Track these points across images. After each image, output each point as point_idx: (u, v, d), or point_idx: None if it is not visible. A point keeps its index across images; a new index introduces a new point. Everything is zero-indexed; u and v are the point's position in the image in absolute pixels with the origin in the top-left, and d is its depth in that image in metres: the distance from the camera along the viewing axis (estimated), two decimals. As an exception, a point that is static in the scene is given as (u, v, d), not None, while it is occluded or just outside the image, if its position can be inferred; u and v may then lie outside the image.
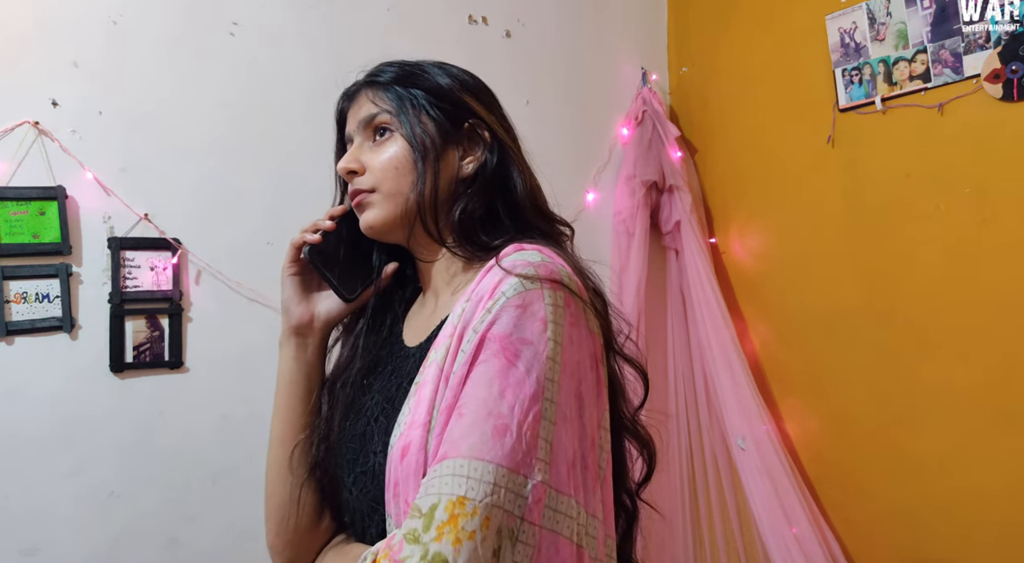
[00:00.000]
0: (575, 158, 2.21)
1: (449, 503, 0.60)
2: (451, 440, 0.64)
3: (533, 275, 0.69)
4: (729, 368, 2.02)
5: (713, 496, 2.11)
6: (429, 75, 0.86)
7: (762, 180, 2.09)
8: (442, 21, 2.03)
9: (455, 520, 0.59)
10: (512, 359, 0.66)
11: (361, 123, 0.86)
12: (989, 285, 1.55)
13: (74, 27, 1.61)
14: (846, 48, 1.80)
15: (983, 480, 1.58)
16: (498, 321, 0.67)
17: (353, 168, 0.84)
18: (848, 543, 1.88)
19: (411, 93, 0.84)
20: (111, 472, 1.60)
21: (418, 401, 0.71)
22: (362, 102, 0.87)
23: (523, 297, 0.68)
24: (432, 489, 0.62)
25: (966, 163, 1.58)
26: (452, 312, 0.74)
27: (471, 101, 0.87)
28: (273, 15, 1.82)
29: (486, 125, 0.86)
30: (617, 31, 2.31)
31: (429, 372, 0.71)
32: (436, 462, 0.64)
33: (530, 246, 0.75)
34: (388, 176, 0.83)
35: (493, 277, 0.71)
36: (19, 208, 1.55)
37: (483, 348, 0.67)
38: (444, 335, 0.73)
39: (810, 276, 1.96)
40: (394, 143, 0.83)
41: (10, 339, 1.54)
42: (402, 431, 0.70)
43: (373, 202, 0.84)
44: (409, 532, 0.61)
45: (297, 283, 0.90)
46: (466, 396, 0.66)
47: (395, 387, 0.80)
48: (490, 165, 0.84)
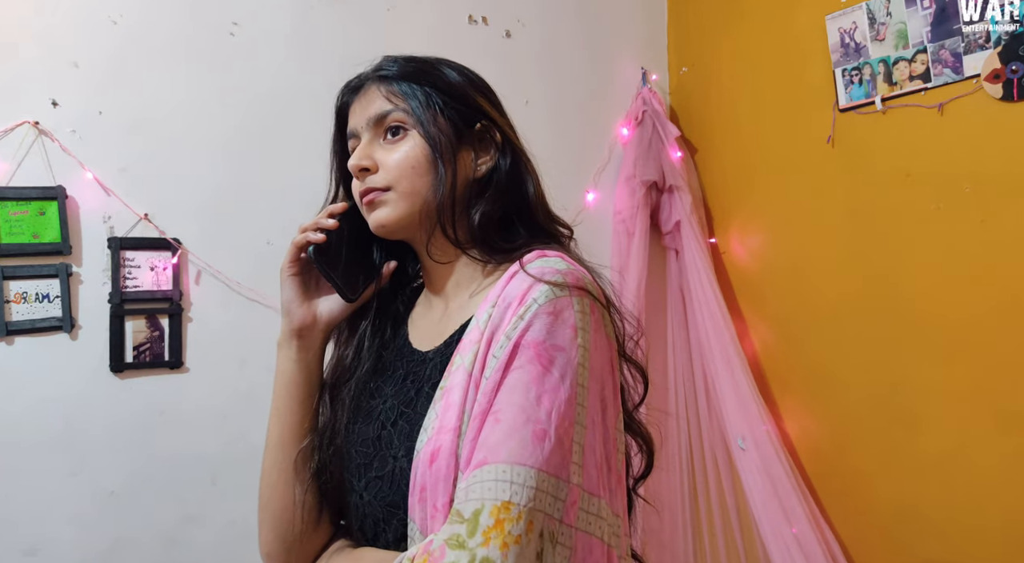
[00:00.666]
0: (575, 158, 2.21)
1: (494, 508, 0.61)
2: (489, 445, 0.65)
3: (562, 282, 0.72)
4: (729, 368, 2.02)
5: (713, 496, 2.11)
6: (440, 72, 0.85)
7: (762, 180, 2.09)
8: (442, 21, 2.03)
9: (501, 525, 0.60)
10: (547, 365, 0.68)
11: (372, 119, 0.83)
12: (989, 285, 1.55)
13: (74, 27, 1.61)
14: (846, 48, 1.80)
15: (983, 480, 1.58)
16: (531, 328, 0.69)
17: (366, 165, 0.82)
18: (848, 543, 1.88)
19: (425, 90, 0.83)
20: (111, 472, 1.60)
21: (446, 406, 0.71)
22: (372, 97, 0.84)
23: (554, 304, 0.70)
24: (474, 494, 0.62)
25: (966, 163, 1.58)
26: (476, 317, 0.75)
27: (483, 101, 0.86)
28: (273, 15, 1.82)
29: (497, 127, 0.86)
30: (617, 31, 2.31)
31: (457, 377, 0.72)
32: (475, 468, 0.64)
33: (552, 253, 0.78)
34: (405, 175, 0.81)
35: (520, 283, 0.73)
36: (19, 208, 1.55)
37: (517, 354, 0.69)
38: (470, 340, 0.73)
39: (810, 276, 1.96)
40: (409, 141, 0.81)
41: (10, 339, 1.54)
42: (430, 436, 0.70)
43: (387, 200, 0.82)
44: (452, 537, 0.61)
45: (298, 283, 0.88)
46: (502, 402, 0.67)
47: (414, 391, 0.80)
48: (503, 168, 0.85)
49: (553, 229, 0.87)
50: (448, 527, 0.62)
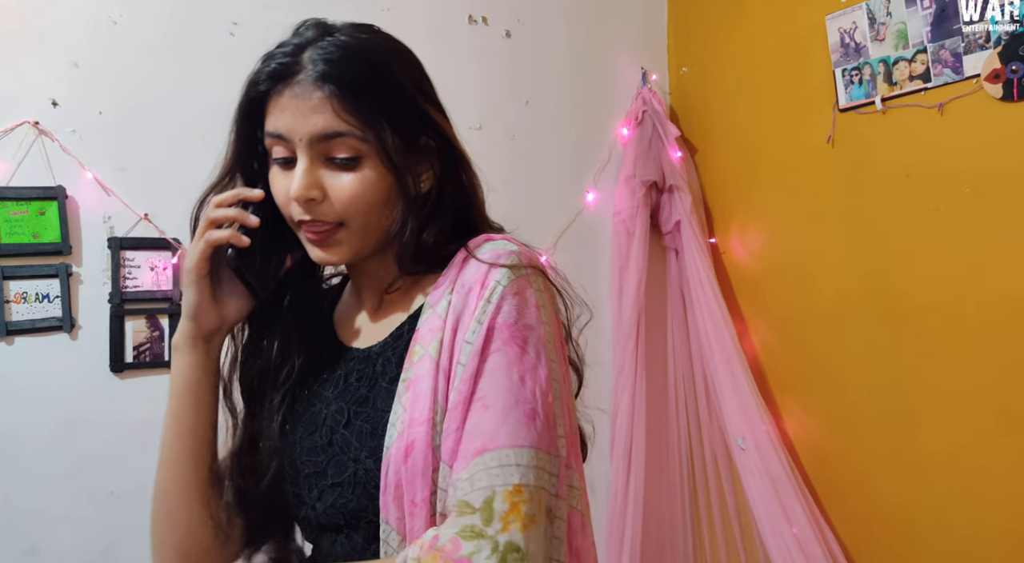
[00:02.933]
0: (575, 158, 2.21)
1: (506, 493, 0.61)
2: (483, 432, 0.64)
3: (518, 263, 0.72)
4: (729, 368, 2.02)
5: (713, 496, 2.11)
6: (393, 78, 0.74)
7: (762, 180, 2.09)
8: (442, 21, 2.03)
9: (517, 508, 0.61)
10: (523, 345, 0.68)
11: (316, 137, 0.71)
12: (989, 285, 1.55)
13: (74, 27, 1.61)
14: (846, 48, 1.80)
15: (983, 480, 1.58)
16: (501, 310, 0.69)
17: (314, 196, 0.72)
18: (848, 543, 1.88)
19: (381, 106, 0.72)
20: (111, 472, 1.60)
21: (414, 397, 0.69)
22: (314, 105, 0.71)
23: (516, 285, 0.70)
24: (481, 483, 0.62)
25: (966, 163, 1.58)
26: (430, 305, 0.73)
27: (431, 109, 0.77)
28: (273, 15, 1.81)
29: (444, 137, 0.77)
30: (617, 31, 2.31)
31: (422, 367, 0.70)
32: (473, 456, 0.63)
33: (497, 236, 0.77)
34: (360, 211, 0.73)
35: (476, 268, 0.72)
36: (19, 208, 1.55)
37: (492, 338, 0.68)
38: (430, 328, 0.72)
39: (810, 276, 1.96)
40: (364, 170, 0.72)
41: (10, 339, 1.54)
42: (400, 430, 0.69)
43: (341, 240, 0.74)
44: (465, 529, 0.60)
45: (208, 284, 0.78)
46: (487, 387, 0.66)
47: (365, 389, 0.76)
48: (451, 179, 0.78)
49: (489, 229, 0.82)
50: (456, 520, 0.61)
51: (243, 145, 0.82)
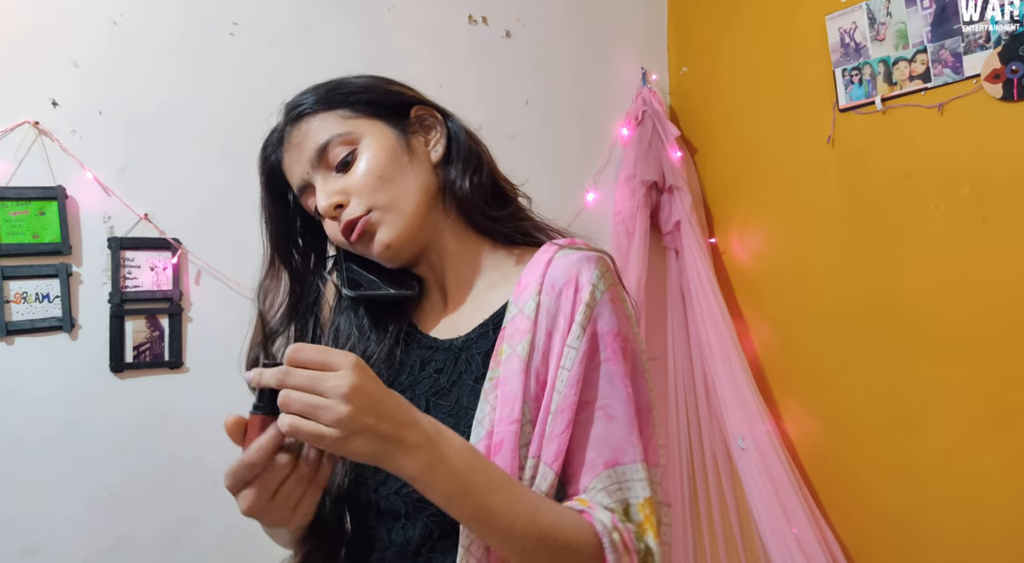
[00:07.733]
0: (575, 158, 2.21)
1: (639, 505, 0.69)
2: (612, 445, 0.70)
3: (605, 269, 0.75)
4: (729, 368, 2.02)
5: (713, 496, 2.11)
6: (347, 83, 0.82)
7: (762, 180, 2.09)
8: (442, 21, 2.03)
9: (649, 520, 0.69)
10: (630, 357, 0.73)
11: (314, 155, 0.78)
12: (989, 285, 1.55)
13: (74, 27, 1.61)
14: (846, 48, 1.80)
15: (983, 480, 1.58)
16: (602, 317, 0.72)
17: (339, 201, 0.77)
18: (848, 543, 1.88)
19: (347, 102, 0.80)
20: (111, 472, 1.60)
21: (503, 397, 0.70)
22: (302, 137, 0.79)
23: (611, 292, 0.74)
24: (616, 496, 0.69)
25: (966, 163, 1.58)
26: (515, 304, 0.74)
27: (401, 89, 0.84)
28: (273, 15, 1.82)
29: (428, 105, 0.84)
30: (617, 31, 2.31)
31: (509, 367, 0.71)
32: (605, 468, 0.69)
33: (562, 239, 0.81)
34: (377, 188, 0.77)
35: (564, 270, 0.74)
36: (19, 208, 1.55)
37: (599, 346, 0.71)
38: (517, 328, 0.72)
39: (810, 276, 1.96)
40: (362, 157, 0.78)
41: (10, 339, 1.54)
42: (487, 429, 0.69)
43: (379, 221, 0.77)
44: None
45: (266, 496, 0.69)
46: (606, 397, 0.71)
47: (447, 382, 0.76)
48: (457, 137, 0.83)
49: (512, 189, 0.87)
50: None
51: (278, 227, 0.86)
